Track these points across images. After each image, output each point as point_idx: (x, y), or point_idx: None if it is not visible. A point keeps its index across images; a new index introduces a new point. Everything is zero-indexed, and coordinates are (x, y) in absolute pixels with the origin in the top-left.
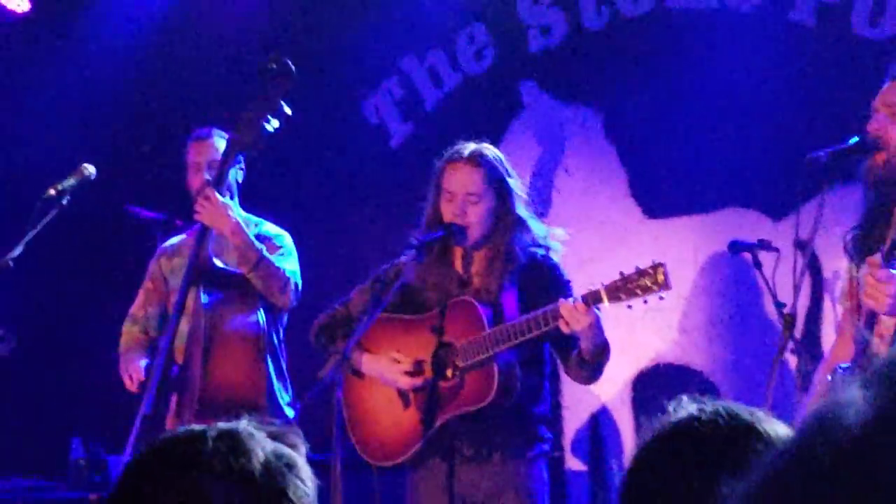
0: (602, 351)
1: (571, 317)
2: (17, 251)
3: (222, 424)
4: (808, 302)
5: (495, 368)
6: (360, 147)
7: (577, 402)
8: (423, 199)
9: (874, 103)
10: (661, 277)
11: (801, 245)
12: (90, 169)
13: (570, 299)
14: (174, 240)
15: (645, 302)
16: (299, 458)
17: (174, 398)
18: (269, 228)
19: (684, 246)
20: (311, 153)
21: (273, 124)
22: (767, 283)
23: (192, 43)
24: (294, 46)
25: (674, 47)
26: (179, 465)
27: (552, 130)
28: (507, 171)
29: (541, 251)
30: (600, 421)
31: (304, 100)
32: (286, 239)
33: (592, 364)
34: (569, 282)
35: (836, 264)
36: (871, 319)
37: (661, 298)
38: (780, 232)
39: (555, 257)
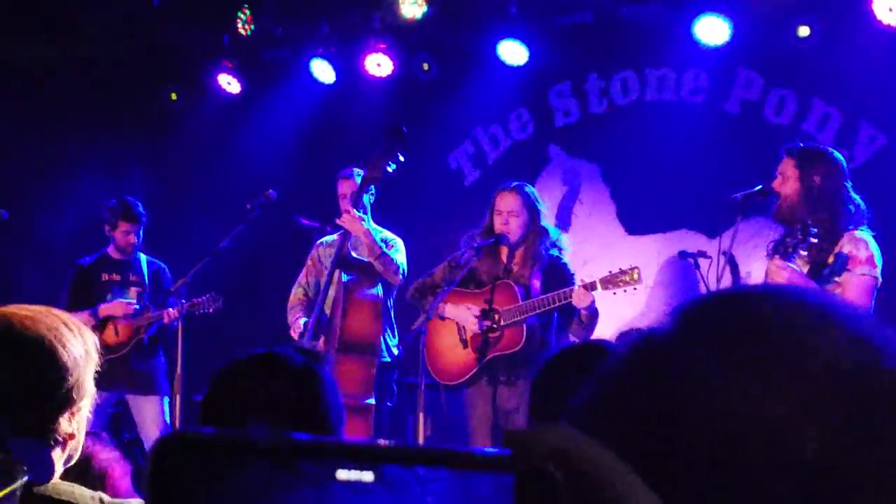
0: (594, 317)
1: (578, 296)
2: (225, 243)
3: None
4: None
5: (524, 327)
6: (446, 184)
7: None
8: (484, 217)
9: (777, 170)
10: (636, 276)
11: (724, 254)
12: (272, 193)
13: (578, 285)
14: (330, 237)
15: (625, 291)
16: (323, 361)
17: (322, 339)
18: (387, 234)
19: (651, 253)
20: (415, 187)
21: (392, 167)
22: (703, 278)
23: (343, 112)
24: (406, 118)
25: (649, 125)
26: (249, 371)
27: (569, 176)
28: (536, 199)
29: (555, 251)
30: None
31: (411, 152)
32: (398, 242)
33: (588, 325)
34: (573, 274)
35: (748, 267)
36: None
37: (635, 290)
38: (712, 245)
39: (564, 257)
